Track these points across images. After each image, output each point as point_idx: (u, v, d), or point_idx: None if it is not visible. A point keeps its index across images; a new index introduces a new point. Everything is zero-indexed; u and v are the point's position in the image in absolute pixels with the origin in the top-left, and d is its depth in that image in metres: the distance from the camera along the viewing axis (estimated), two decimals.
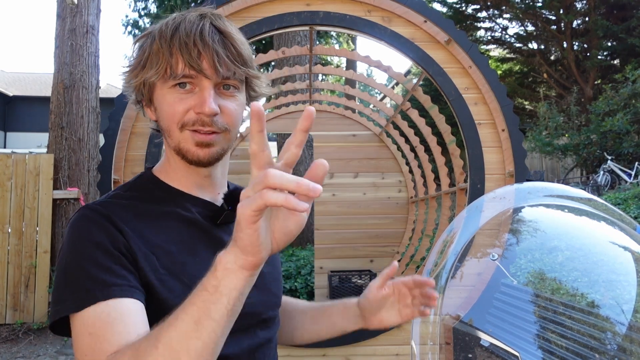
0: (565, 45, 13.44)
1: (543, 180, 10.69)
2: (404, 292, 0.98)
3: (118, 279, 0.75)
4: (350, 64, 10.97)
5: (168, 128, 0.87)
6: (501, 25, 15.01)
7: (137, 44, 0.90)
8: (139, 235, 0.82)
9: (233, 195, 0.92)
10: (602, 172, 9.72)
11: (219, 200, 0.94)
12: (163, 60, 0.84)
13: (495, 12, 14.56)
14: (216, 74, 0.84)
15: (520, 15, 13.90)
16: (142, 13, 13.24)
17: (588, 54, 13.18)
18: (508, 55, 15.85)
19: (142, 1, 13.24)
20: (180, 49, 0.82)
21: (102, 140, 2.94)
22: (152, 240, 0.83)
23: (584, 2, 13.54)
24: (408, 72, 18.03)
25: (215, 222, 0.91)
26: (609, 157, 9.78)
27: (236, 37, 0.87)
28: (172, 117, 0.86)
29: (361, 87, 14.94)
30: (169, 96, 0.86)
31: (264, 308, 0.94)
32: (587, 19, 13.40)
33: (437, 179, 4.78)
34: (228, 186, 1.01)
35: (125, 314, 0.72)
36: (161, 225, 0.86)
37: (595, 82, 13.10)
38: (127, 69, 0.90)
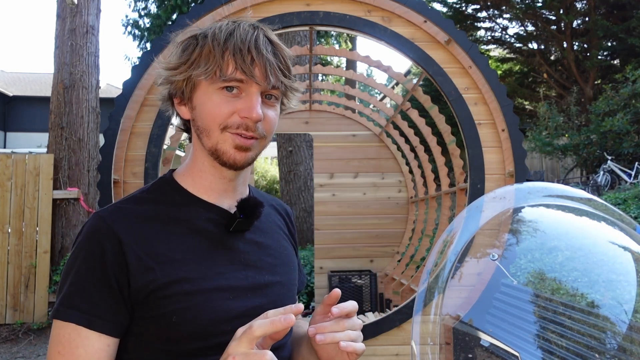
0: (565, 45, 13.43)
1: (543, 180, 10.69)
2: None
3: (100, 308, 0.80)
4: (350, 64, 10.98)
5: (208, 128, 0.88)
6: (501, 25, 15.00)
7: (182, 45, 0.90)
8: (143, 244, 0.84)
9: (247, 204, 0.93)
10: (602, 172, 9.72)
11: (234, 208, 0.94)
12: (214, 61, 0.85)
13: (495, 12, 14.54)
14: (266, 82, 0.86)
15: (520, 15, 13.89)
16: (142, 13, 13.24)
17: (588, 54, 13.18)
18: (508, 55, 15.84)
19: (142, 1, 13.23)
20: (234, 54, 0.84)
21: (102, 140, 2.94)
22: (157, 249, 0.84)
23: (584, 2, 13.54)
24: (408, 72, 18.03)
25: (228, 230, 0.91)
26: (609, 157, 9.77)
27: (285, 50, 0.91)
28: (215, 117, 0.87)
29: (361, 87, 14.94)
30: (215, 97, 0.86)
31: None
32: (587, 19, 13.39)
33: (437, 179, 4.78)
34: (250, 191, 1.02)
35: (90, 353, 0.79)
36: (169, 231, 0.87)
37: (595, 82, 13.09)
38: (169, 65, 0.90)
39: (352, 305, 0.81)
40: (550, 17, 13.89)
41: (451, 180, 4.30)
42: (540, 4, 13.47)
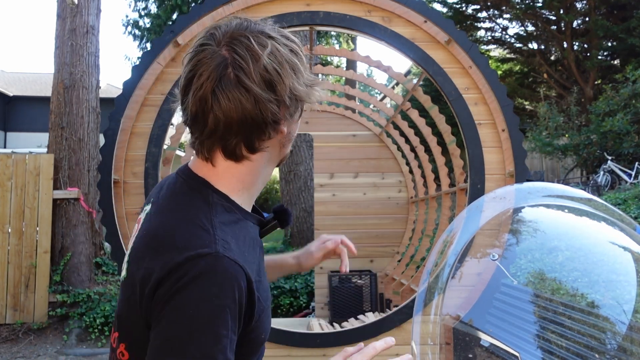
0: (565, 45, 13.43)
1: (543, 181, 10.69)
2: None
3: (233, 353, 0.78)
4: (350, 64, 10.97)
5: (294, 136, 0.95)
6: (501, 26, 15.01)
7: (303, 60, 0.95)
8: (254, 275, 0.83)
9: (287, 211, 1.00)
10: (602, 172, 9.72)
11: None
12: None
13: (496, 12, 14.55)
14: None
15: (521, 16, 13.89)
16: (142, 13, 13.25)
17: (588, 54, 13.18)
18: (508, 56, 15.85)
19: (142, 1, 13.24)
20: None
21: (102, 140, 2.94)
22: (255, 275, 0.83)
23: (584, 2, 13.54)
24: (408, 72, 18.02)
25: (259, 235, 0.95)
26: (609, 157, 9.78)
27: None
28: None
29: (361, 87, 14.93)
30: None
31: None
32: (587, 19, 13.39)
33: (437, 179, 4.78)
34: None
35: None
36: (252, 253, 0.87)
37: (596, 82, 13.10)
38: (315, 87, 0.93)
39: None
40: (550, 17, 13.89)
41: (451, 181, 4.30)
42: (540, 4, 13.47)
